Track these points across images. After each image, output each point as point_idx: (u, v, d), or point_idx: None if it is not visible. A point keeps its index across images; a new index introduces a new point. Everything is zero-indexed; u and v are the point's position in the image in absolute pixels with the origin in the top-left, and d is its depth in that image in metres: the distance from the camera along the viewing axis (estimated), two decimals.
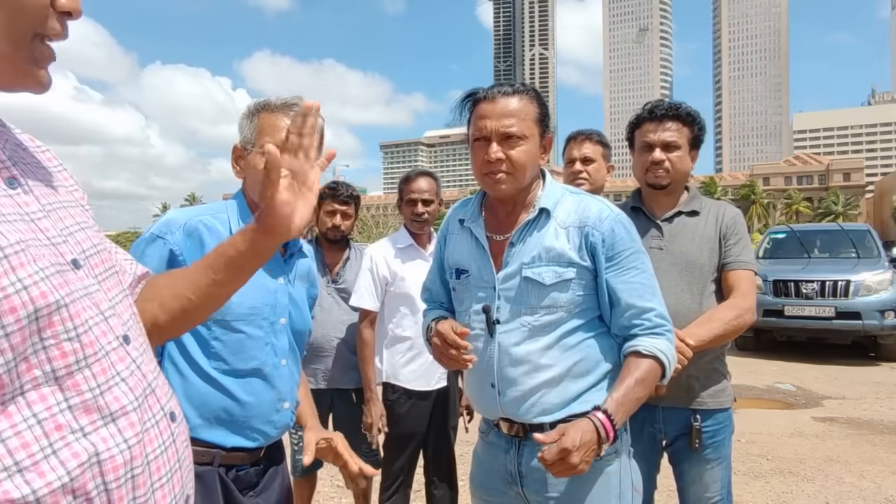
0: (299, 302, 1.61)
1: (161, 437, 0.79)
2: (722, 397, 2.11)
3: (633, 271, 1.54)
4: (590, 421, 1.41)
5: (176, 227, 1.46)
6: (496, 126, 1.53)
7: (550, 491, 1.55)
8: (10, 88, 0.74)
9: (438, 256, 1.83)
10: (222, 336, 1.45)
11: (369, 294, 2.89)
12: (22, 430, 0.64)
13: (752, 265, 2.10)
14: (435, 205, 2.94)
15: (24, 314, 0.64)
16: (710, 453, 2.08)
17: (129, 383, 0.75)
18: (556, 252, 1.54)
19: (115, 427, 0.71)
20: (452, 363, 1.59)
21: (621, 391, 1.47)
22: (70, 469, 0.66)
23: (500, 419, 1.63)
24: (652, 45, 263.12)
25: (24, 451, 0.63)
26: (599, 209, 1.57)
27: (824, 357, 8.62)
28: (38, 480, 0.64)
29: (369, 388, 2.88)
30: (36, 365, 0.66)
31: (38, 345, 0.66)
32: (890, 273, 8.53)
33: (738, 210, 2.23)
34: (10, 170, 0.73)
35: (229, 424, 1.45)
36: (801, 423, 5.58)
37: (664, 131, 2.13)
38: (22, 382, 0.65)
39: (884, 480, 4.20)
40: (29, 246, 0.68)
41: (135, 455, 0.73)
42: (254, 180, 1.49)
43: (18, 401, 0.64)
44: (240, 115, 1.58)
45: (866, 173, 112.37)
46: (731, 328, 2.01)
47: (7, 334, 0.63)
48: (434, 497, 3.00)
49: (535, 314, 1.55)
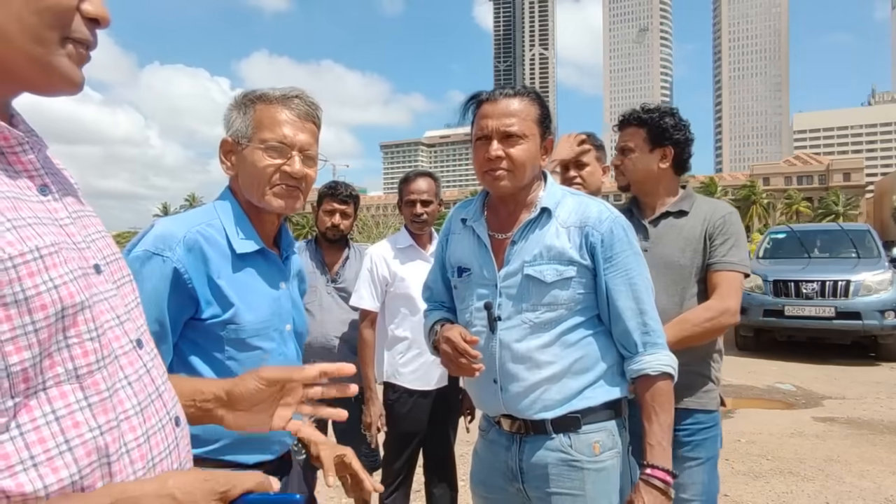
0: (298, 304, 1.57)
1: (166, 440, 0.81)
2: (704, 398, 2.09)
3: (628, 273, 1.58)
4: (648, 486, 1.51)
5: (175, 242, 1.31)
6: (497, 125, 1.57)
7: (551, 487, 1.57)
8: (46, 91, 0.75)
9: (440, 256, 1.85)
10: (237, 355, 1.36)
11: (369, 294, 2.89)
12: (41, 425, 0.66)
13: (737, 266, 2.07)
14: (434, 205, 2.94)
15: (53, 312, 0.67)
16: (688, 452, 2.04)
17: (134, 387, 0.77)
18: (558, 251, 1.57)
19: (120, 430, 0.74)
20: (461, 371, 1.61)
21: (654, 434, 1.54)
22: (82, 467, 0.68)
23: (502, 416, 1.66)
24: (652, 46, 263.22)
25: (41, 446, 0.65)
26: (599, 210, 1.61)
27: (824, 357, 8.62)
28: (51, 476, 0.65)
29: (369, 387, 2.88)
30: (59, 362, 0.68)
31: (63, 342, 0.68)
32: (890, 273, 8.52)
33: (732, 209, 2.20)
34: (43, 178, 0.76)
35: (253, 442, 1.40)
36: (801, 423, 5.58)
37: (622, 139, 2.26)
38: (45, 378, 0.67)
39: (884, 480, 4.20)
40: (62, 248, 0.71)
41: (138, 457, 0.75)
42: (249, 176, 1.40)
43: (40, 396, 0.67)
44: (227, 106, 1.46)
45: (866, 173, 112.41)
46: (701, 330, 2.00)
47: (36, 329, 0.65)
48: (434, 497, 3.00)
49: (536, 311, 1.58)
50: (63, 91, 0.75)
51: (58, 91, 0.75)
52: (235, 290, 1.36)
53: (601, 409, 1.58)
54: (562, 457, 1.57)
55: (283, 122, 1.39)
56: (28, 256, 0.66)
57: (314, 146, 1.44)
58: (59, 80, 0.73)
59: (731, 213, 2.16)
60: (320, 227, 3.17)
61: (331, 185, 3.17)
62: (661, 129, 2.17)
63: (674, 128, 2.17)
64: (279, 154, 1.38)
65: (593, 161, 2.62)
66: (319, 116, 1.46)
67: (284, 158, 1.38)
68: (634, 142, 2.20)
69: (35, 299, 0.65)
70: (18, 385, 0.64)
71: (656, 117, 2.18)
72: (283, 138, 1.38)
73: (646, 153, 2.19)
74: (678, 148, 2.19)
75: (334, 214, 3.11)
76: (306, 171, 1.41)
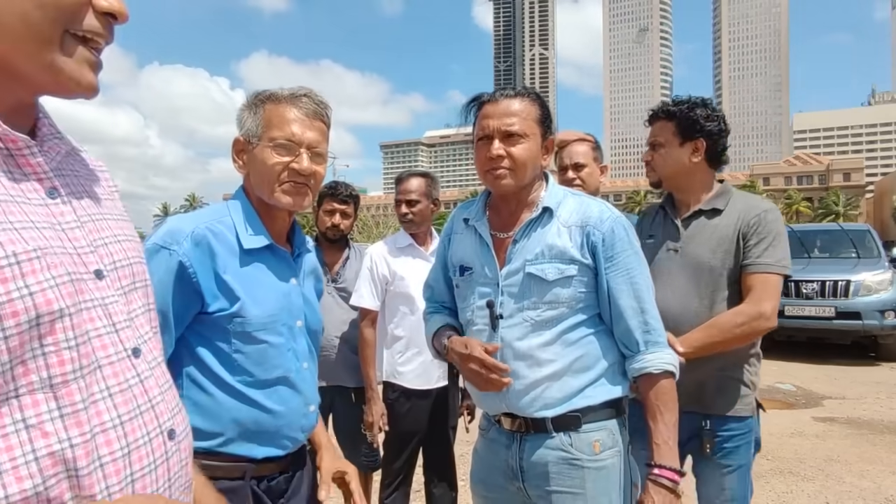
0: (312, 301, 1.57)
1: (152, 455, 0.78)
2: (738, 405, 2.01)
3: (630, 272, 1.59)
4: (657, 486, 1.52)
5: (182, 236, 1.35)
6: (498, 125, 1.59)
7: (552, 485, 1.58)
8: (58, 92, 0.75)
9: (442, 255, 1.86)
10: (243, 348, 1.38)
11: (369, 293, 2.89)
12: (10, 433, 0.64)
13: (774, 267, 1.95)
14: (422, 205, 2.92)
15: (25, 319, 0.65)
16: (722, 459, 2.01)
17: (115, 399, 0.75)
18: (559, 249, 1.58)
19: (96, 442, 0.71)
20: (491, 386, 1.59)
21: (661, 433, 1.55)
22: (46, 477, 0.66)
23: (503, 414, 1.66)
24: (652, 46, 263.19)
25: (7, 454, 0.64)
26: (600, 210, 1.62)
27: (824, 357, 8.63)
28: (14, 486, 0.64)
29: (370, 387, 2.89)
30: (33, 370, 0.66)
31: (38, 350, 0.67)
32: (890, 273, 8.52)
33: (770, 206, 2.05)
34: (52, 181, 0.76)
35: (260, 436, 1.40)
36: (801, 423, 5.58)
37: (653, 134, 2.16)
38: (17, 385, 0.66)
39: (884, 480, 4.20)
40: (46, 253, 0.70)
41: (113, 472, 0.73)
42: (259, 174, 1.44)
43: (12, 403, 0.65)
44: (239, 106, 1.50)
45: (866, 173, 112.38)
46: (732, 336, 1.93)
47: (6, 337, 0.64)
48: (434, 496, 3.00)
49: (538, 309, 1.59)
50: (76, 93, 0.74)
51: (70, 93, 0.74)
52: (242, 284, 1.38)
53: (602, 407, 1.59)
54: (562, 455, 1.57)
55: (291, 121, 1.42)
56: (2, 262, 0.65)
57: (322, 144, 1.46)
58: (68, 80, 0.73)
59: (767, 211, 2.02)
60: (320, 227, 3.17)
61: (331, 186, 3.17)
62: (690, 121, 2.06)
63: (705, 119, 2.05)
64: (288, 152, 1.42)
65: (591, 162, 2.61)
66: (328, 115, 1.49)
67: (293, 156, 1.42)
68: (664, 136, 2.11)
69: (6, 306, 0.64)
70: None
71: (685, 109, 2.07)
72: (291, 136, 1.41)
73: (676, 147, 2.09)
74: (710, 140, 2.07)
75: (334, 214, 3.11)
76: (315, 168, 1.44)
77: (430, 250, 2.95)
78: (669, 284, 2.03)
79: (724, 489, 2.03)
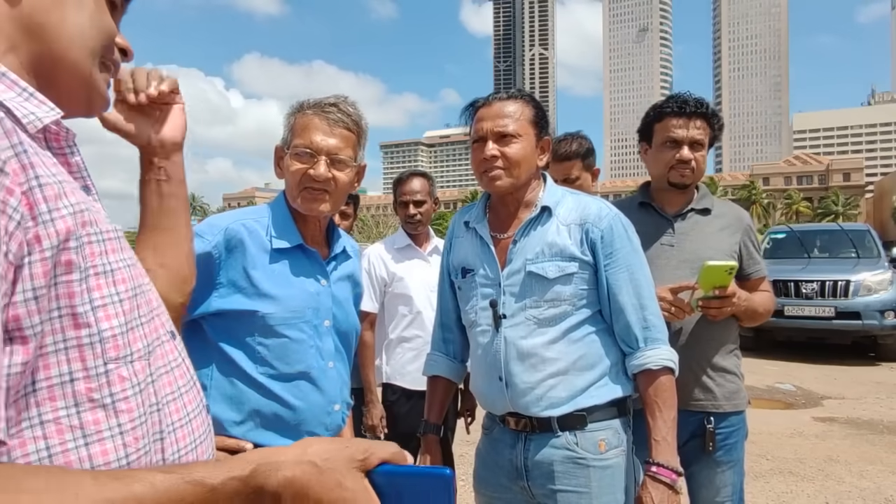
0: (343, 303, 1.60)
1: (203, 425, 0.84)
2: (737, 399, 2.06)
3: (629, 269, 1.60)
4: (655, 482, 1.53)
5: (218, 229, 1.44)
6: (491, 126, 1.63)
7: (557, 484, 1.58)
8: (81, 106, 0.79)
9: (445, 263, 1.87)
10: (265, 341, 1.43)
11: (368, 295, 2.88)
12: (129, 395, 0.70)
13: (765, 269, 2.16)
14: (428, 205, 2.93)
15: (131, 286, 0.73)
16: (722, 456, 2.02)
17: (174, 374, 0.81)
18: (559, 247, 1.60)
19: (168, 409, 0.77)
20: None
21: (659, 430, 1.56)
22: (152, 434, 0.73)
23: (508, 414, 1.67)
24: (652, 46, 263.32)
25: (127, 416, 0.69)
26: (599, 208, 1.64)
27: (824, 357, 8.62)
28: (133, 445, 0.69)
29: (370, 390, 2.88)
30: (140, 337, 0.73)
31: (137, 321, 0.73)
32: (890, 273, 8.53)
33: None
34: (85, 179, 0.79)
35: (281, 429, 1.45)
36: (801, 423, 5.58)
37: (694, 129, 2.02)
38: (132, 351, 0.71)
39: (884, 480, 4.20)
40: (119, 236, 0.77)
41: (181, 437, 0.78)
42: (286, 181, 1.52)
43: (128, 368, 0.71)
44: None
45: (866, 173, 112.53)
46: (762, 311, 2.08)
47: (120, 300, 0.70)
48: None
49: (540, 307, 1.60)
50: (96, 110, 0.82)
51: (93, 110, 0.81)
52: (268, 280, 1.45)
53: (607, 406, 1.60)
54: (568, 454, 1.58)
55: (313, 129, 1.48)
56: (111, 234, 0.72)
57: (345, 150, 1.50)
58: (97, 95, 0.79)
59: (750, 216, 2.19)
60: None
61: None
62: (719, 128, 2.08)
63: (719, 127, 2.09)
64: (308, 159, 1.47)
65: (581, 172, 2.60)
66: (356, 121, 1.53)
67: (311, 163, 1.46)
68: (706, 139, 2.05)
69: (117, 273, 0.71)
70: (109, 351, 0.67)
71: (720, 118, 2.08)
72: (310, 144, 1.47)
73: (705, 150, 2.07)
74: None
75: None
76: (333, 174, 1.48)
77: (428, 250, 2.95)
78: (665, 279, 2.03)
79: (726, 485, 2.04)
